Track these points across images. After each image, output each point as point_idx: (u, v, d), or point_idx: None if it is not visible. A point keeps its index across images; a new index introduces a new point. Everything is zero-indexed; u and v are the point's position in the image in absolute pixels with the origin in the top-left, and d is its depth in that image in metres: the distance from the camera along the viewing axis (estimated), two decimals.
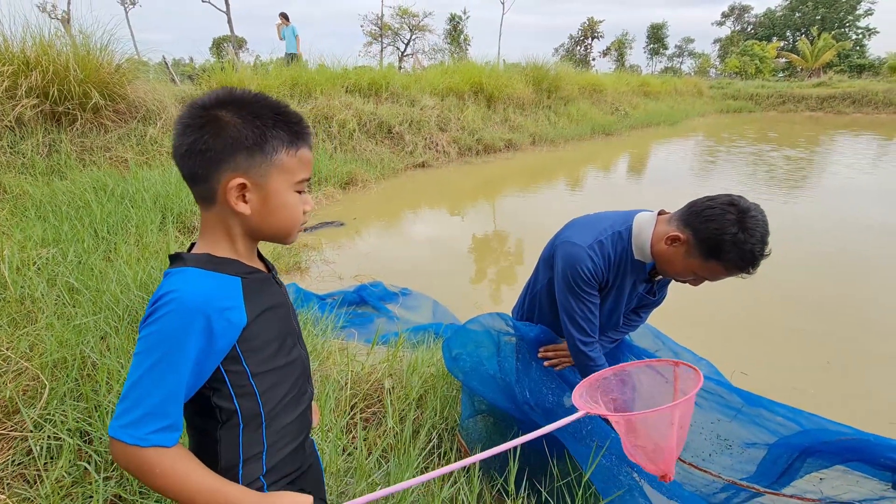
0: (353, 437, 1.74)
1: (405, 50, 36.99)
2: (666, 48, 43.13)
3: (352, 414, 1.86)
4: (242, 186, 0.68)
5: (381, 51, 36.70)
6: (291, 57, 10.28)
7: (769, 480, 1.22)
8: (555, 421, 1.41)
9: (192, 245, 0.75)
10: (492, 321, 1.73)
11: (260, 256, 0.79)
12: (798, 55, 32.53)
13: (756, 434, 1.29)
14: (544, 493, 1.39)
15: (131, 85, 5.87)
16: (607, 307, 1.42)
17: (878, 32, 40.11)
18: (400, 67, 17.17)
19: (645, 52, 43.41)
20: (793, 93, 22.00)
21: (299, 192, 0.74)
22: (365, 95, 8.69)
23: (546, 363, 1.54)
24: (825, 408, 2.36)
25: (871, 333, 3.05)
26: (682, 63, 47.30)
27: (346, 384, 1.92)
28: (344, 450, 1.62)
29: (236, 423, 0.70)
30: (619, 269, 1.34)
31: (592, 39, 41.51)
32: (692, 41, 49.73)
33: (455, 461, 1.62)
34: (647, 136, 13.65)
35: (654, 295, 1.48)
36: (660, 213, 1.30)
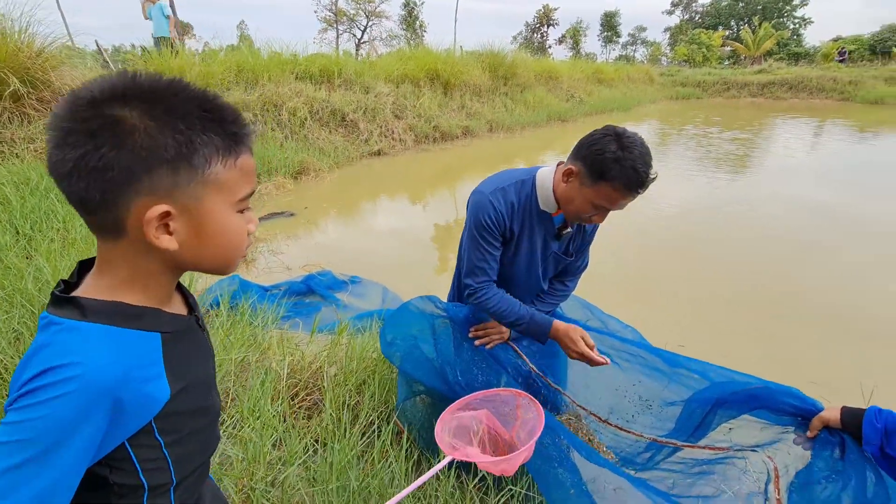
0: (292, 427, 1.71)
1: (361, 37, 36.17)
2: (619, 36, 44.20)
3: (292, 403, 1.83)
4: (165, 215, 0.51)
5: (337, 38, 35.73)
6: (161, 41, 8.51)
7: (686, 434, 1.28)
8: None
9: (82, 268, 0.56)
10: (424, 304, 1.72)
11: (178, 286, 0.63)
12: (741, 44, 34.08)
13: (675, 392, 1.35)
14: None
15: (56, 71, 5.44)
16: (522, 261, 1.44)
17: (812, 22, 42.60)
18: (357, 55, 16.78)
19: (599, 39, 44.32)
20: (736, 80, 23.05)
21: (242, 211, 0.58)
22: (316, 82, 8.43)
23: (476, 342, 1.55)
24: (753, 371, 2.52)
25: (800, 302, 3.27)
26: (635, 51, 48.64)
27: (285, 374, 1.88)
28: (280, 440, 1.59)
29: (140, 495, 0.56)
30: (524, 217, 1.36)
31: (548, 27, 41.94)
32: (644, 29, 51.20)
33: (392, 444, 1.62)
34: (601, 122, 13.70)
35: (569, 255, 1.50)
36: (558, 165, 1.33)
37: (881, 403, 2.15)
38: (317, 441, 1.63)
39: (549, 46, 41.94)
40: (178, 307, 0.61)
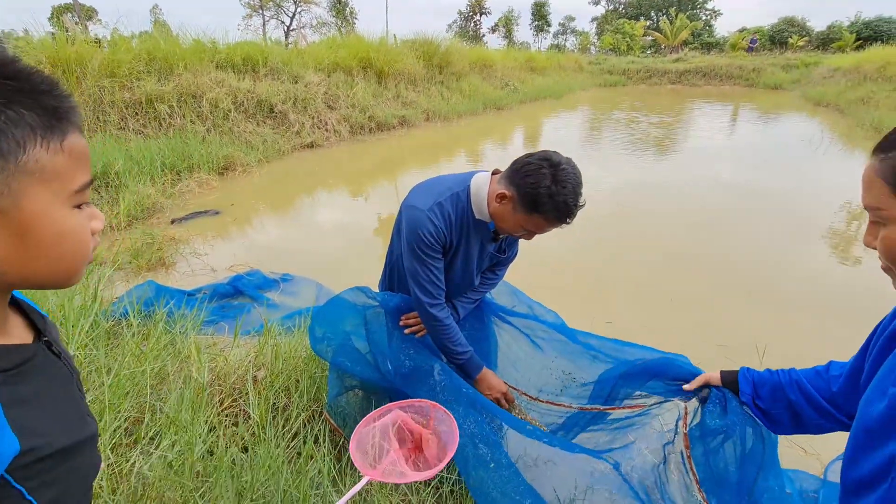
0: (218, 436, 1.62)
1: (290, 24, 34.53)
2: (549, 25, 45.42)
3: (218, 411, 1.73)
4: None
5: (264, 24, 33.85)
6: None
7: (597, 404, 1.36)
8: (414, 384, 1.43)
9: None
10: (355, 296, 1.69)
11: (14, 304, 0.53)
12: (661, 34, 36.22)
13: (586, 371, 1.42)
14: None
15: None
16: (458, 268, 1.45)
17: (721, 14, 46.15)
18: (287, 44, 15.98)
19: (531, 28, 45.33)
20: (657, 68, 24.51)
21: (79, 207, 0.47)
22: (240, 72, 7.95)
23: (407, 331, 1.55)
24: (672, 338, 2.71)
25: (716, 273, 3.55)
26: (565, 40, 50.24)
27: (205, 382, 1.77)
28: (210, 451, 1.50)
29: None
30: (461, 230, 1.36)
31: (481, 15, 42.25)
32: (573, 19, 52.93)
33: (326, 441, 1.58)
34: (536, 109, 14.35)
35: (503, 252, 1.54)
36: (494, 173, 1.34)
37: (770, 360, 2.39)
38: (246, 448, 1.56)
39: (483, 35, 42.32)
40: (18, 334, 0.50)
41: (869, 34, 30.71)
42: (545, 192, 1.16)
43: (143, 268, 3.24)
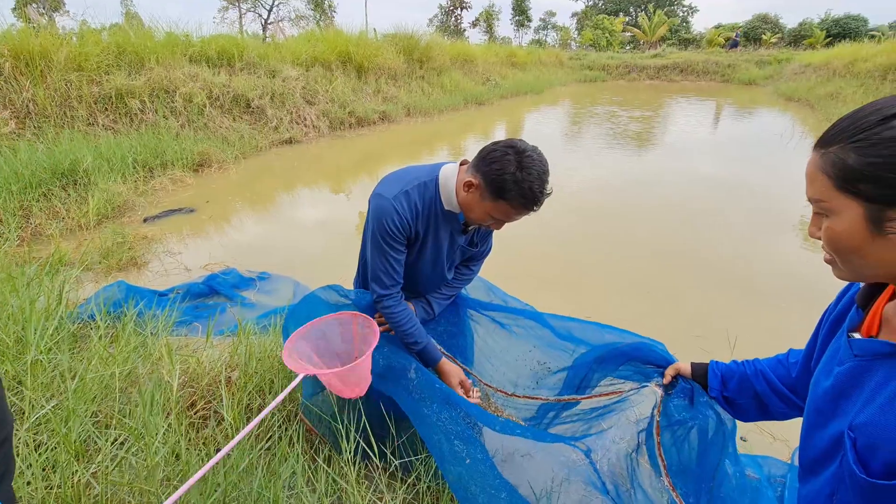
0: (190, 440, 1.58)
1: (268, 17, 33.86)
2: (530, 20, 45.50)
3: (189, 414, 1.69)
4: None
5: (240, 17, 33.14)
6: None
7: (572, 392, 1.37)
8: (389, 384, 1.42)
9: None
10: (327, 294, 1.67)
11: None
12: (639, 29, 36.64)
13: (562, 359, 1.43)
14: (388, 454, 1.40)
15: None
16: (428, 259, 1.44)
17: (698, 10, 46.99)
18: (264, 37, 15.64)
19: (511, 23, 45.37)
20: (636, 63, 24.80)
21: None
22: (214, 66, 7.77)
23: (381, 328, 1.53)
24: (649, 329, 2.75)
25: (693, 265, 3.62)
26: (546, 36, 50.44)
27: (175, 384, 1.73)
28: (175, 455, 1.46)
29: None
30: (429, 220, 1.35)
31: (461, 10, 42.08)
32: (554, 14, 53.12)
33: (301, 441, 1.56)
34: (517, 104, 14.38)
35: (475, 246, 1.53)
36: (462, 164, 1.33)
37: (740, 349, 2.45)
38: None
39: (464, 30, 42.19)
40: None
41: (838, 31, 31.65)
42: (510, 178, 1.16)
43: (113, 268, 3.15)
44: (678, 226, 4.42)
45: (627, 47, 38.45)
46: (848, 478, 0.69)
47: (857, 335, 0.73)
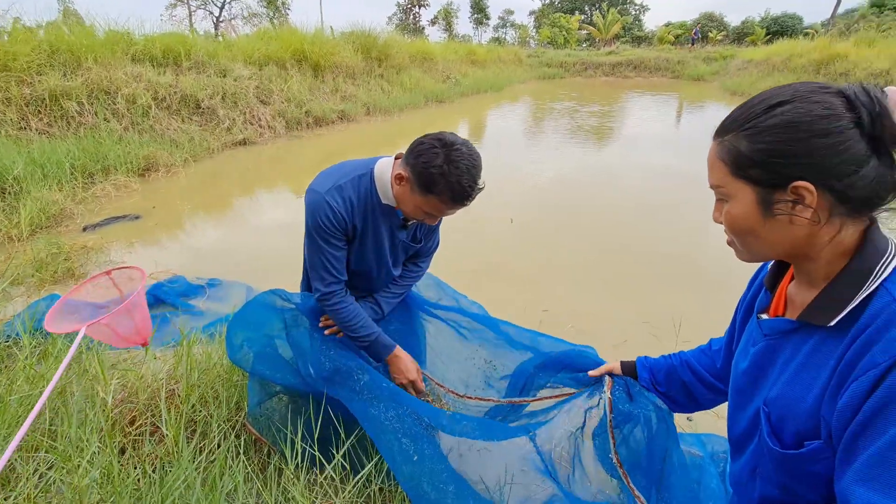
0: (129, 458, 1.49)
1: (220, 15, 32.67)
2: (488, 18, 45.89)
3: (128, 431, 1.60)
4: None
5: (190, 15, 31.83)
6: None
7: (515, 396, 1.38)
8: (336, 387, 1.39)
9: None
10: (271, 299, 1.62)
11: None
12: (594, 27, 37.61)
13: (512, 357, 1.44)
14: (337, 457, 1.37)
15: None
16: (370, 257, 1.41)
17: (649, 9, 48.73)
18: (217, 35, 15.05)
19: (470, 21, 45.61)
20: (592, 60, 25.47)
21: None
22: (160, 65, 7.41)
23: (327, 332, 1.49)
24: (602, 320, 2.83)
25: (643, 256, 3.73)
26: (505, 34, 50.99)
27: (119, 400, 1.63)
28: (107, 475, 1.37)
29: None
30: (366, 214, 1.32)
31: (420, 7, 41.97)
32: (512, 13, 53.80)
33: (250, 452, 1.51)
34: (478, 101, 14.48)
35: (418, 242, 1.51)
36: (397, 157, 1.31)
37: (684, 334, 2.54)
38: (157, 469, 1.45)
39: (423, 28, 42.08)
40: None
41: (777, 29, 33.58)
42: (437, 171, 1.13)
43: (47, 280, 2.95)
44: (634, 219, 4.56)
45: (584, 45, 39.40)
46: (766, 452, 0.72)
47: (765, 316, 0.77)
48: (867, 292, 0.60)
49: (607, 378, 1.15)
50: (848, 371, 0.59)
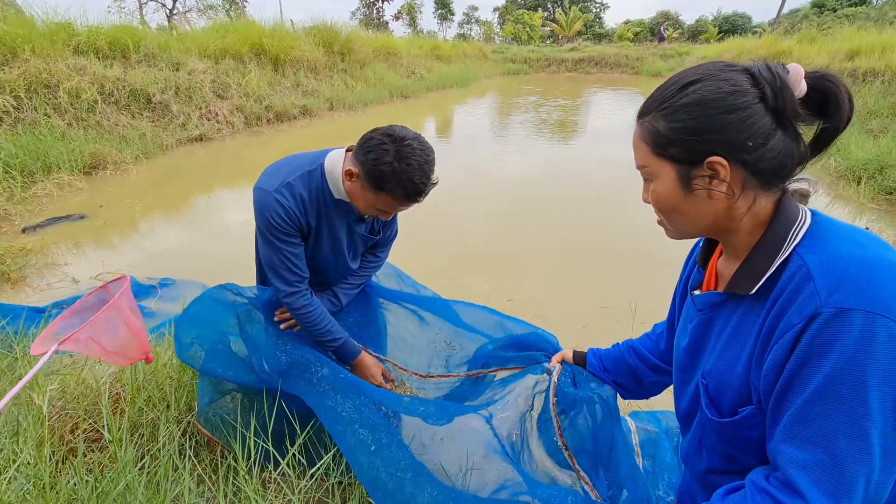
0: (71, 465, 1.40)
1: (173, 7, 31.29)
2: (453, 14, 45.88)
3: (71, 438, 1.50)
4: None
5: (141, 7, 30.35)
6: None
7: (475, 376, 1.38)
8: (292, 380, 1.35)
9: None
10: (221, 294, 1.56)
11: None
12: (557, 24, 38.21)
13: (472, 338, 1.44)
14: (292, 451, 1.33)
15: None
16: (327, 253, 1.38)
17: (609, 7, 49.99)
18: (171, 28, 14.37)
19: (435, 17, 45.46)
20: (555, 56, 25.86)
21: None
22: (106, 58, 7.02)
23: (282, 326, 1.45)
24: (564, 306, 2.88)
25: (604, 244, 3.82)
26: (470, 30, 51.11)
27: (59, 406, 1.53)
28: (42, 486, 1.29)
29: None
30: (319, 211, 1.27)
31: (383, 2, 41.51)
32: (476, 9, 54.01)
33: (197, 454, 1.45)
34: (443, 97, 14.45)
35: (376, 234, 1.48)
36: (348, 149, 1.27)
37: (640, 316, 2.61)
38: (96, 475, 1.36)
39: (387, 23, 41.64)
40: None
41: (728, 27, 35.08)
42: (388, 169, 1.10)
43: None
44: (595, 211, 4.66)
45: (547, 41, 39.96)
46: (707, 423, 0.74)
47: (697, 292, 0.79)
48: (782, 259, 0.62)
49: (558, 366, 1.17)
50: (769, 336, 0.61)
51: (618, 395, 1.12)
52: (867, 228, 3.64)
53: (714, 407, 0.71)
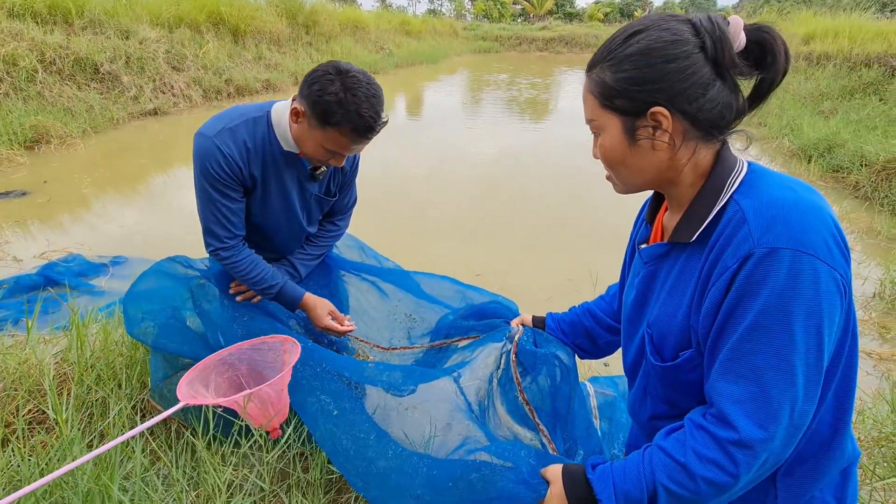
0: (15, 449, 1.33)
1: None
2: None
3: (13, 421, 1.43)
4: None
5: None
6: None
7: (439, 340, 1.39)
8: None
9: None
10: (171, 267, 1.50)
11: None
12: (528, 2, 37.85)
13: (432, 309, 1.44)
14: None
15: None
16: (277, 208, 1.31)
17: None
18: None
19: None
20: (526, 35, 25.70)
21: None
22: (45, 22, 6.49)
23: (239, 298, 1.41)
24: (530, 280, 2.92)
25: (572, 221, 3.87)
26: (441, 5, 49.97)
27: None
28: None
29: None
30: (265, 162, 1.21)
31: None
32: None
33: (153, 431, 1.40)
34: (414, 73, 14.15)
35: (332, 195, 1.44)
36: (293, 99, 1.21)
37: (601, 285, 2.67)
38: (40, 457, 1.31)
39: None
40: None
41: (694, 10, 35.64)
42: (334, 99, 1.05)
43: None
44: (562, 187, 4.71)
45: (518, 20, 39.58)
46: (651, 370, 0.76)
47: (644, 246, 0.80)
48: (720, 206, 0.64)
49: (520, 327, 1.18)
50: (707, 280, 0.63)
51: (576, 355, 1.14)
52: None
53: (658, 354, 0.74)
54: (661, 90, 0.62)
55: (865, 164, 4.33)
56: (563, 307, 1.24)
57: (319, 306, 1.34)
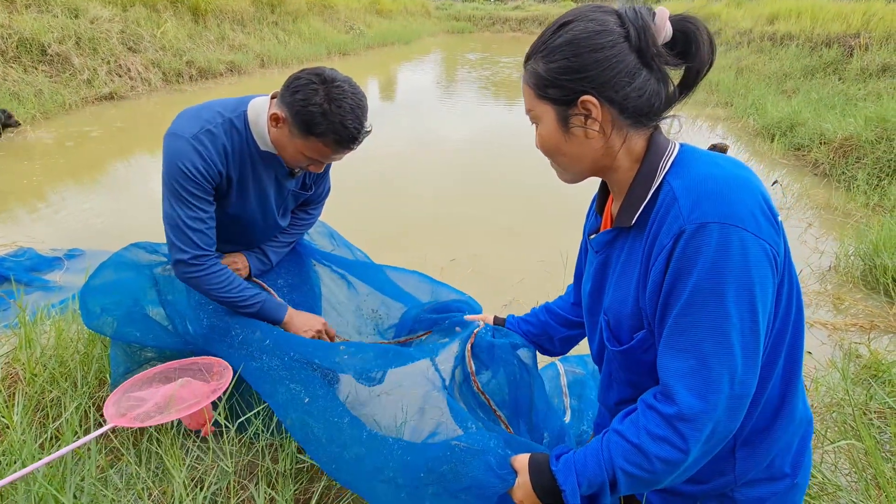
0: None
1: None
2: None
3: None
4: None
5: None
6: None
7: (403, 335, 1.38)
8: (214, 342, 1.28)
9: None
10: (134, 254, 1.44)
11: None
12: None
13: (398, 304, 1.43)
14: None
15: None
16: (253, 209, 1.27)
17: None
18: None
19: None
20: (500, 15, 25.36)
21: None
22: None
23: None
24: (503, 262, 2.93)
25: (545, 204, 3.89)
26: None
27: None
28: None
29: None
30: (243, 164, 1.17)
31: None
32: None
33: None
34: (386, 54, 13.83)
35: (308, 189, 1.40)
36: (273, 96, 1.16)
37: (570, 266, 2.70)
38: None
39: None
40: None
41: None
42: (317, 110, 1.02)
43: None
44: (539, 170, 4.71)
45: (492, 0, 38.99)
46: (612, 356, 0.77)
47: (594, 236, 0.81)
48: (654, 188, 0.65)
49: (481, 322, 1.19)
50: (648, 261, 0.65)
51: (536, 352, 1.15)
52: (775, 182, 3.90)
53: (615, 339, 0.74)
54: (588, 79, 0.63)
55: (824, 142, 4.48)
56: (535, 289, 1.25)
57: (303, 323, 1.28)
